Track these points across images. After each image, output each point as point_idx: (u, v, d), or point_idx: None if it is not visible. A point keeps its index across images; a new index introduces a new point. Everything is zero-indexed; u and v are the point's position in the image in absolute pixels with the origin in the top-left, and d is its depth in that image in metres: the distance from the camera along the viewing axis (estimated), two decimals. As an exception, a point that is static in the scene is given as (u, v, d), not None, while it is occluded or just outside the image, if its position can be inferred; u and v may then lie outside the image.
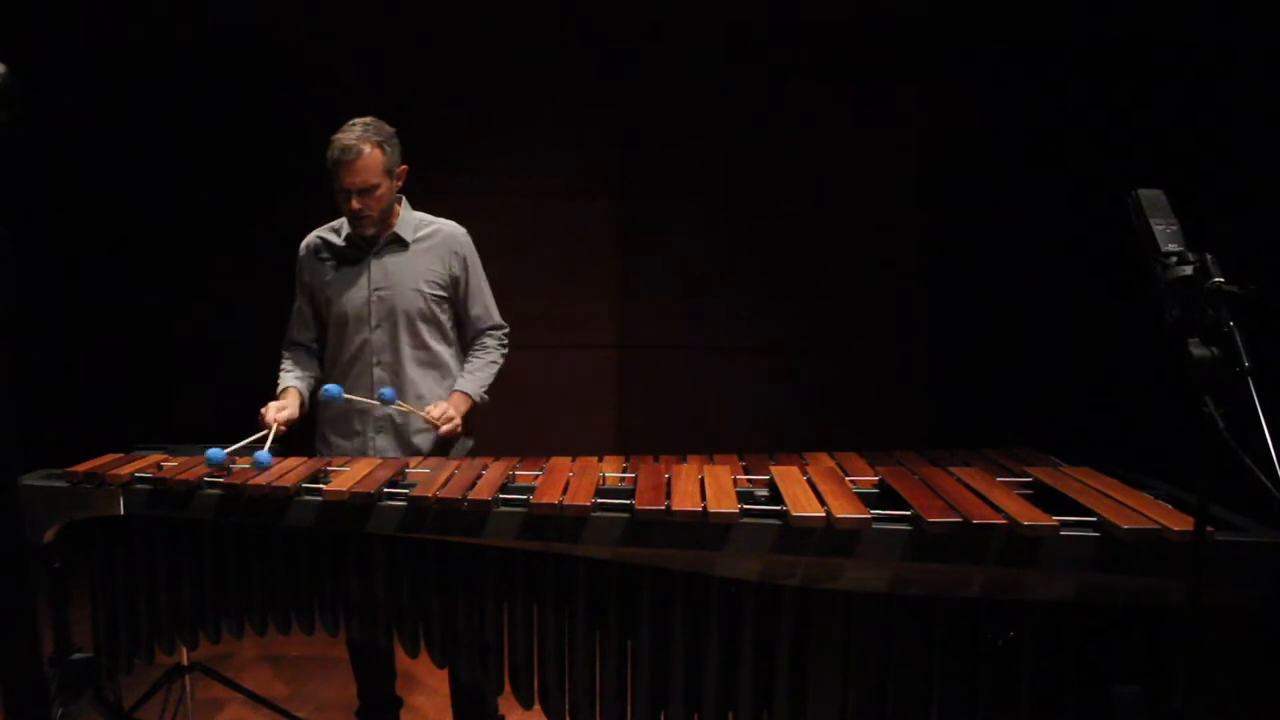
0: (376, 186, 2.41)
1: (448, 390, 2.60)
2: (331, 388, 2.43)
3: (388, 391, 2.43)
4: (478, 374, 2.62)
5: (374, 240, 2.53)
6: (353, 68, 4.26)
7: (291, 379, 2.60)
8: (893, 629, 1.70)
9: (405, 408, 2.48)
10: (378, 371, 2.54)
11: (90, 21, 4.19)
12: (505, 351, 2.70)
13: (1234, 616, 1.57)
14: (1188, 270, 1.31)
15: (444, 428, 2.46)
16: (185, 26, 4.26)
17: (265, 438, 2.32)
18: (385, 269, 2.53)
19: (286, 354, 2.67)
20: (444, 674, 2.66)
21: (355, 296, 2.54)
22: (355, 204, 2.42)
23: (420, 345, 2.57)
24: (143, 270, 4.48)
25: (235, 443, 2.27)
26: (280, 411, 2.43)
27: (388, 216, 2.52)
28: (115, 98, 4.30)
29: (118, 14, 4.20)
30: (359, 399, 2.48)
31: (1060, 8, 3.82)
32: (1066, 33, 3.83)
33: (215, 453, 2.16)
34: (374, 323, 2.53)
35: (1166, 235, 1.37)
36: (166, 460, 2.22)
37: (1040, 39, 3.88)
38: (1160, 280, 1.34)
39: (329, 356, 2.63)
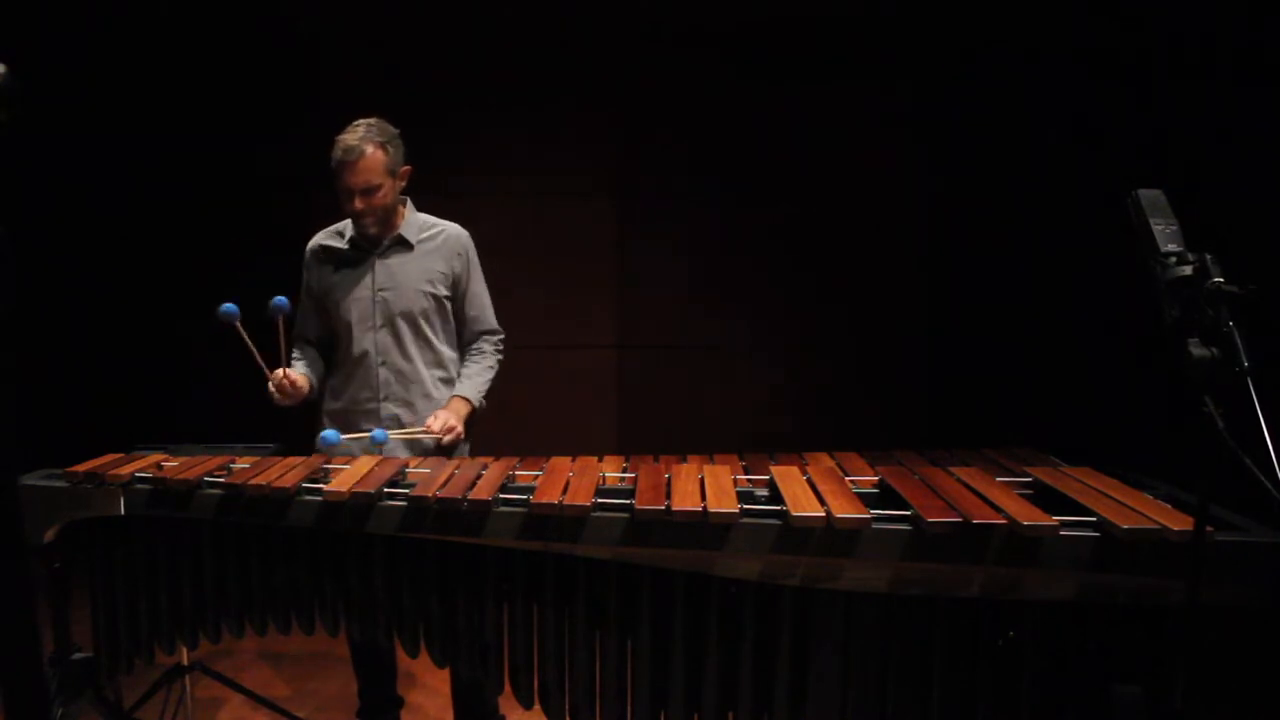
0: (379, 187, 2.42)
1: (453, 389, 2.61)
2: (329, 434, 2.39)
3: (379, 434, 2.40)
4: (475, 379, 2.62)
5: (378, 241, 2.53)
6: (354, 67, 4.27)
7: (301, 368, 2.60)
8: (893, 629, 1.70)
9: (403, 434, 2.49)
10: (383, 372, 2.54)
11: (91, 21, 4.19)
12: (501, 358, 2.71)
13: (1234, 616, 1.57)
14: (1187, 270, 1.31)
15: (446, 438, 2.48)
16: (187, 26, 4.26)
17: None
18: (389, 270, 2.54)
19: (297, 350, 2.67)
20: (445, 673, 2.66)
21: (359, 297, 2.54)
22: (358, 204, 2.43)
23: (425, 345, 2.57)
24: (143, 270, 4.48)
25: (234, 443, 2.28)
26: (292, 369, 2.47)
27: (391, 217, 2.53)
28: (116, 97, 4.30)
29: (119, 13, 4.20)
30: (355, 436, 2.47)
31: (1061, 7, 3.82)
32: (1067, 32, 3.83)
33: (229, 307, 2.31)
34: (378, 323, 2.53)
35: (1166, 235, 1.37)
36: (166, 460, 2.22)
37: (1040, 38, 3.88)
38: (1160, 280, 1.34)
39: (336, 358, 2.63)
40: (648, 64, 4.22)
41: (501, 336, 2.71)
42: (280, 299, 2.36)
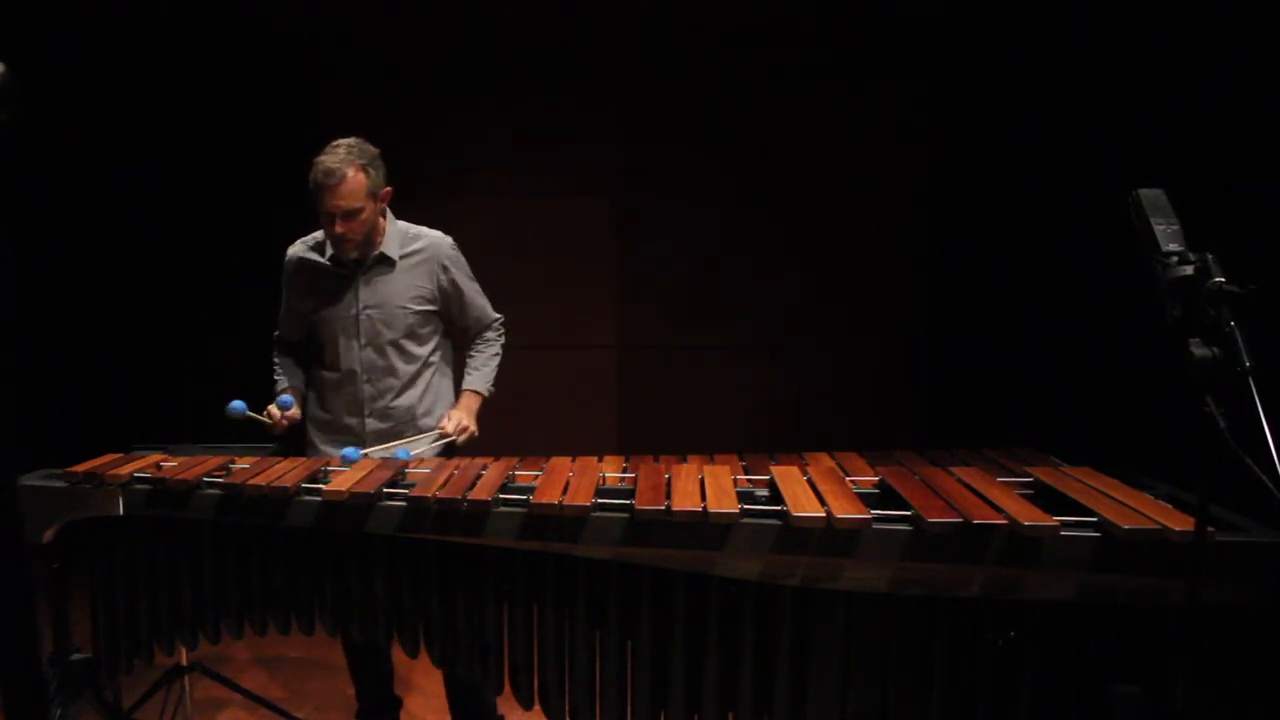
0: (360, 210, 2.39)
1: (442, 395, 2.62)
2: (350, 452, 2.31)
3: (403, 453, 2.39)
4: (483, 369, 2.66)
5: (361, 260, 2.51)
6: (353, 68, 4.26)
7: (286, 382, 2.65)
8: (893, 629, 1.70)
9: (422, 441, 2.50)
10: (367, 388, 2.54)
11: (91, 21, 4.19)
12: (505, 340, 2.74)
13: (1234, 616, 1.57)
14: (1188, 270, 1.31)
15: (461, 438, 2.50)
16: (186, 27, 4.26)
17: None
18: (374, 288, 2.52)
19: (278, 357, 2.69)
20: (439, 676, 2.65)
21: (344, 315, 2.53)
22: (338, 228, 2.39)
23: (409, 360, 2.57)
24: (143, 270, 4.48)
25: (234, 444, 2.29)
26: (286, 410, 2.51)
27: (372, 237, 2.49)
28: (116, 97, 4.30)
29: (119, 13, 4.19)
30: (378, 450, 2.45)
31: (1061, 6, 3.82)
32: (1067, 30, 3.83)
33: (238, 405, 2.32)
34: (363, 341, 2.53)
35: (1167, 235, 1.37)
36: (166, 460, 2.22)
37: (1041, 37, 3.88)
38: (1161, 280, 1.34)
39: (318, 368, 2.63)
40: (648, 64, 4.22)
41: (502, 320, 2.73)
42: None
